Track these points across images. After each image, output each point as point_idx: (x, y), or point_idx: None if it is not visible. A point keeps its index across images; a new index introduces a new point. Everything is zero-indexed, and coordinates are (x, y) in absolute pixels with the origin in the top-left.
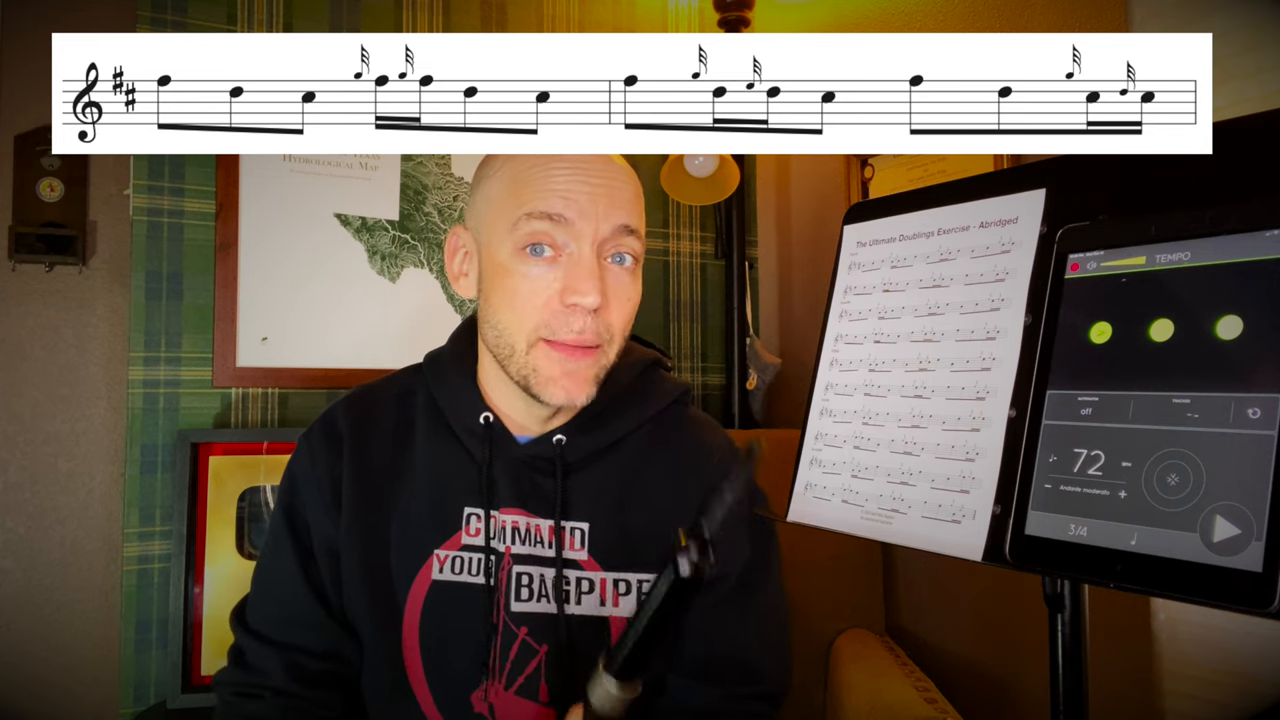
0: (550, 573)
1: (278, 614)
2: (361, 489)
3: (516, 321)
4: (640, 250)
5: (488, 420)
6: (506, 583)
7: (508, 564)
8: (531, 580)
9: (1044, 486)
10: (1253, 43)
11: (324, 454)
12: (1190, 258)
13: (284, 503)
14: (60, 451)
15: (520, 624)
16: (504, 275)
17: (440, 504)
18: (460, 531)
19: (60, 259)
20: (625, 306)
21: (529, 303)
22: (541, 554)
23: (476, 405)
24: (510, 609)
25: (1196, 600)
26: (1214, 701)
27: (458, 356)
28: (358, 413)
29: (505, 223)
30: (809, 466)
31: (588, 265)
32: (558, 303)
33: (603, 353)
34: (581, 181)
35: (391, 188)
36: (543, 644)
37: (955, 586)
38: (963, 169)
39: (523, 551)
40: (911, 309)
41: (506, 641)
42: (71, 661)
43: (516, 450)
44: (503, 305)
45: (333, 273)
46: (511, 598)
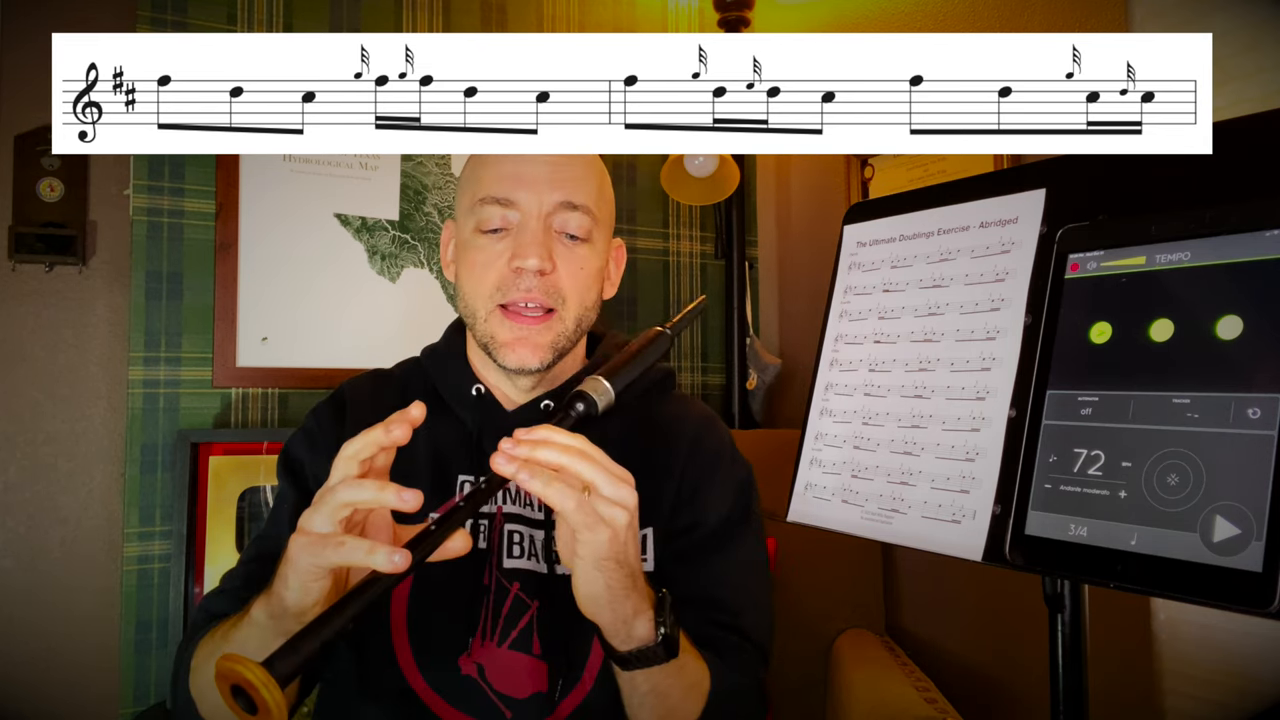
0: (539, 534)
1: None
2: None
3: (475, 289)
4: (590, 226)
5: (479, 391)
6: (499, 540)
7: (499, 522)
8: (522, 539)
9: (1044, 486)
10: (1253, 43)
11: (330, 421)
12: (1190, 258)
13: (286, 458)
14: (60, 451)
15: (512, 580)
16: (466, 250)
17: (436, 472)
18: (454, 498)
19: (60, 259)
20: (579, 275)
21: (485, 271)
22: (531, 515)
23: (469, 378)
24: (502, 565)
25: (1196, 600)
26: (1214, 701)
27: (450, 339)
28: (363, 388)
29: (466, 205)
30: (809, 466)
31: (532, 233)
32: (507, 269)
33: (558, 318)
34: (529, 161)
35: (391, 188)
36: (534, 599)
37: (955, 586)
38: (963, 169)
39: (513, 511)
40: (911, 309)
41: (499, 598)
42: (71, 661)
43: (507, 419)
44: (465, 276)
45: (333, 273)
46: (504, 554)
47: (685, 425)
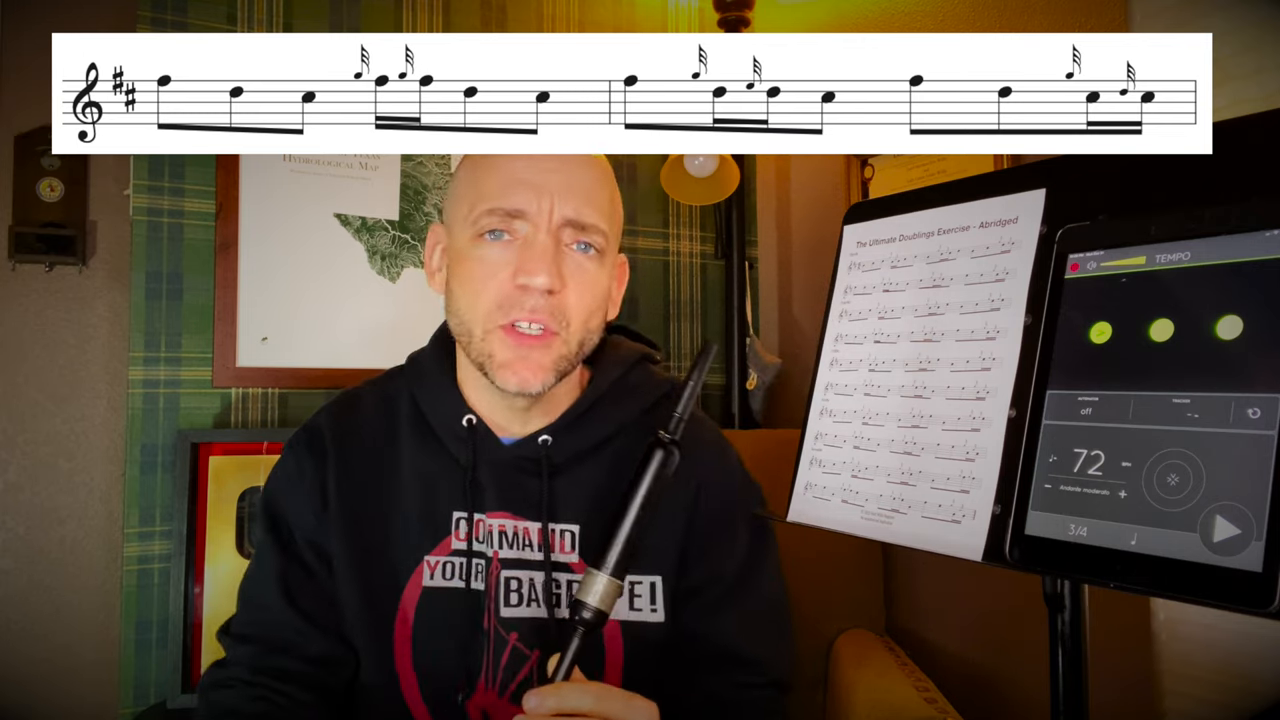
0: (540, 576)
1: (257, 618)
2: (348, 495)
3: (472, 304)
4: (603, 241)
5: (470, 423)
6: (496, 588)
7: (496, 569)
8: (521, 585)
9: (1044, 486)
10: (1253, 43)
11: (309, 461)
12: (1190, 258)
13: (268, 512)
14: (60, 451)
15: (510, 629)
16: (462, 260)
17: (428, 509)
18: (450, 536)
19: (60, 259)
20: (586, 294)
21: (485, 285)
22: (530, 558)
23: (459, 408)
24: (500, 614)
25: (1196, 600)
26: (1214, 701)
27: (438, 359)
28: (341, 419)
29: (465, 210)
30: (809, 466)
31: (540, 247)
32: (510, 284)
33: (561, 340)
34: (538, 168)
35: (391, 188)
36: (534, 649)
37: (955, 586)
38: (963, 169)
39: (511, 556)
40: (911, 309)
41: (498, 648)
42: (71, 661)
43: (501, 452)
44: (461, 290)
45: (333, 273)
46: (501, 603)
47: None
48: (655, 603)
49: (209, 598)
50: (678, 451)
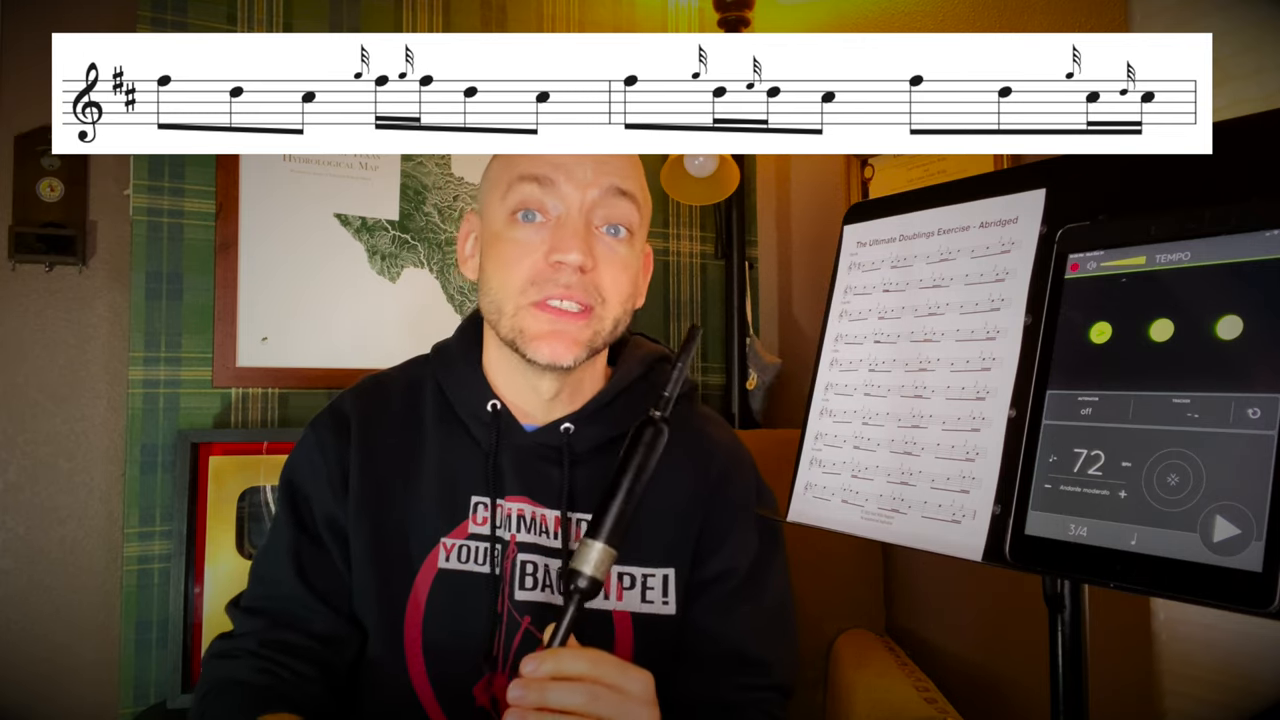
0: (555, 563)
1: (268, 592)
2: (369, 477)
3: (505, 282)
4: (635, 220)
5: (495, 408)
6: (511, 571)
7: (512, 552)
8: (535, 569)
9: (1044, 486)
10: (1253, 43)
11: (332, 441)
12: (1190, 258)
13: (287, 489)
14: (60, 451)
15: (524, 613)
16: (496, 242)
17: (448, 492)
18: (468, 520)
19: (60, 259)
20: (620, 275)
21: (519, 264)
22: (546, 544)
23: (484, 393)
24: (514, 598)
25: (1196, 600)
26: (1214, 701)
27: (464, 346)
28: (366, 401)
29: (499, 192)
30: (809, 466)
31: (573, 226)
32: (544, 263)
33: (596, 317)
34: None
35: (391, 188)
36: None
37: (955, 586)
38: (963, 169)
39: (527, 540)
40: (911, 309)
41: (510, 631)
42: (71, 661)
43: (523, 438)
44: (494, 270)
45: (333, 273)
46: (515, 586)
47: (713, 463)
48: (668, 595)
49: (209, 598)
50: (666, 429)
